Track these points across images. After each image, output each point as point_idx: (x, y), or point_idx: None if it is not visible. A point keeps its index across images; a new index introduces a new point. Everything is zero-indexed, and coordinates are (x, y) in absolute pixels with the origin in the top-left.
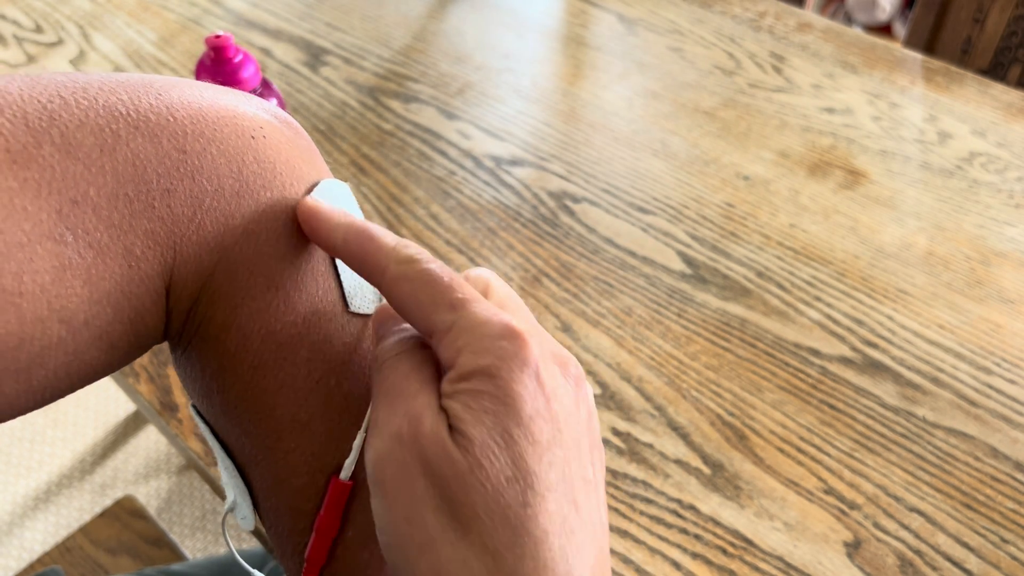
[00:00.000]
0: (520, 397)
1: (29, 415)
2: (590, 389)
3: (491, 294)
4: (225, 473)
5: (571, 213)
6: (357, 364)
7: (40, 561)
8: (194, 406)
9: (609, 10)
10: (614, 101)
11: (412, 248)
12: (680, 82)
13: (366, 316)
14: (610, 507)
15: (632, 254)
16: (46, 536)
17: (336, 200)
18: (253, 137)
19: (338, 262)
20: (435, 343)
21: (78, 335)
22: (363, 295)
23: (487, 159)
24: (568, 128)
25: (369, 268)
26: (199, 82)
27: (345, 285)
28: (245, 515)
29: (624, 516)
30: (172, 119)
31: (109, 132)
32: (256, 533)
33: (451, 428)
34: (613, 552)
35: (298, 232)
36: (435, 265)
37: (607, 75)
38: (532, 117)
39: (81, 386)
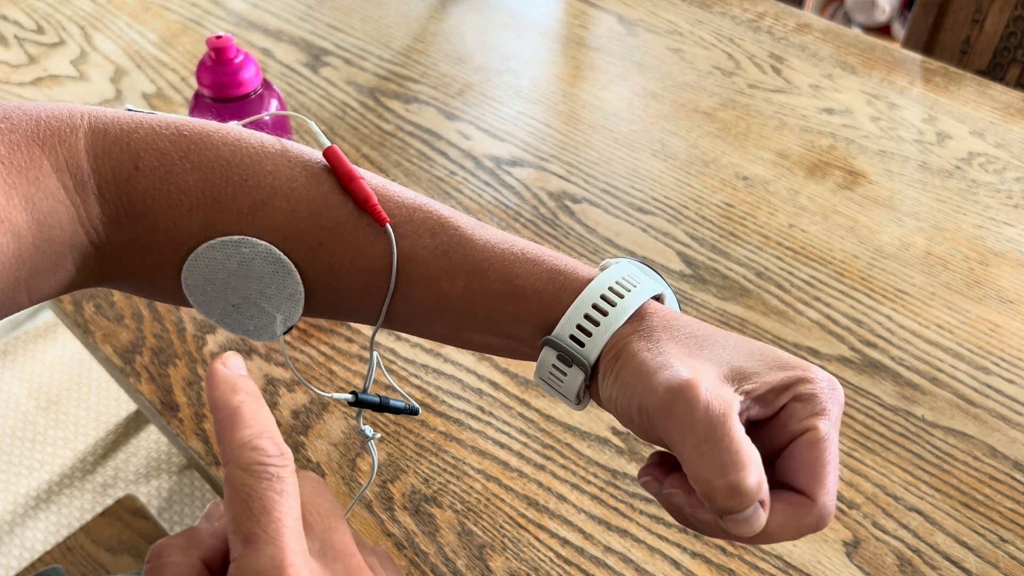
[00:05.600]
0: None
1: (30, 415)
2: None
3: (307, 522)
4: (266, 305)
5: (571, 213)
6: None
7: (41, 560)
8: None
9: (609, 11)
10: (614, 102)
11: (257, 454)
12: (679, 83)
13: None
14: (610, 506)
15: (632, 254)
16: (47, 535)
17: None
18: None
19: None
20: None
21: None
22: None
23: (487, 159)
24: (568, 129)
25: (221, 450)
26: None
27: None
28: (291, 317)
29: (624, 515)
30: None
31: None
32: None
33: None
34: (613, 551)
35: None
36: (261, 484)
37: (607, 76)
38: (532, 118)
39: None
